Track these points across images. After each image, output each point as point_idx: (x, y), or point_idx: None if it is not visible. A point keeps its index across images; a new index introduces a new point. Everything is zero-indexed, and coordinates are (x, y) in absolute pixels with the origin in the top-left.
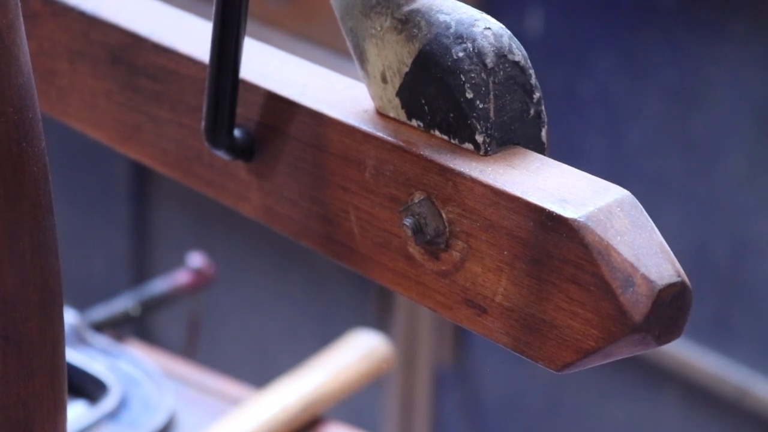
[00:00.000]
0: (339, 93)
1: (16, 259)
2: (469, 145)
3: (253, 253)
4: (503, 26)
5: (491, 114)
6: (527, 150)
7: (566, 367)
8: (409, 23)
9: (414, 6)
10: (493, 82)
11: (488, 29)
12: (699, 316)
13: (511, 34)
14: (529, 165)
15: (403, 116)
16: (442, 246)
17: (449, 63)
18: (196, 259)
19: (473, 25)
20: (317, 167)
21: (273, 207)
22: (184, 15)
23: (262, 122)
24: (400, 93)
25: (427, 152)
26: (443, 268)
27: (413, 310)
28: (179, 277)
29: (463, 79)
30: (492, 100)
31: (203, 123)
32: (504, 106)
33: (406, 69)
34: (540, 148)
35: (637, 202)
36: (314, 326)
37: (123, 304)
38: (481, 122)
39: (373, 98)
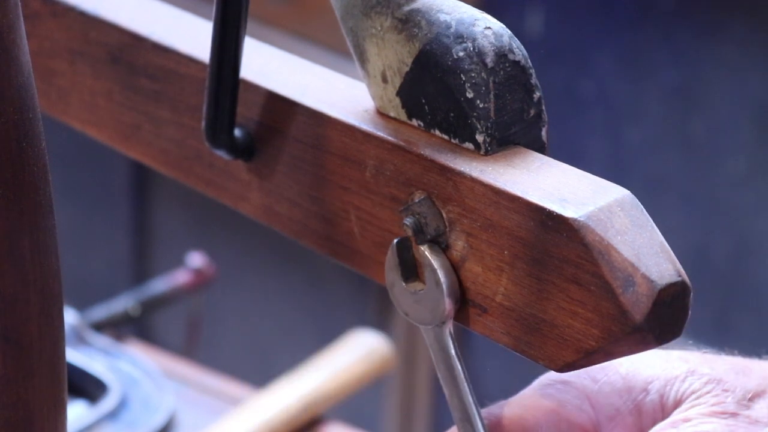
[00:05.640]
0: (339, 93)
1: (16, 259)
2: (469, 145)
3: (253, 253)
4: (503, 26)
5: (491, 113)
6: (527, 150)
7: (567, 367)
8: (409, 23)
9: (414, 5)
10: (494, 82)
11: (488, 29)
12: (699, 316)
13: (512, 34)
14: (529, 164)
15: (403, 116)
16: (443, 246)
17: (449, 62)
18: (196, 259)
19: (473, 25)
20: (317, 167)
21: (273, 207)
22: (184, 15)
23: (262, 122)
24: (401, 92)
25: (427, 152)
26: None
27: None
28: (179, 277)
29: (464, 78)
30: (492, 100)
31: (203, 123)
32: (504, 106)
33: (407, 68)
34: (540, 148)
35: (638, 201)
36: (314, 326)
37: (123, 304)
38: (482, 122)
39: (373, 98)
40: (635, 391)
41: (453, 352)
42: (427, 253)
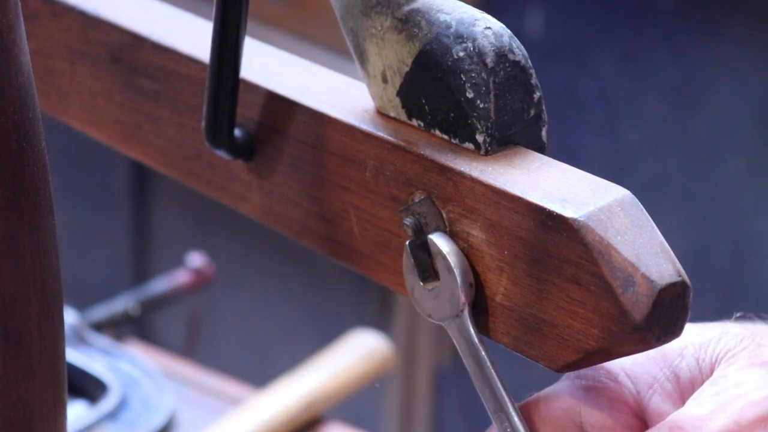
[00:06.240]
0: (339, 93)
1: (16, 259)
2: (469, 145)
3: (253, 253)
4: (503, 26)
5: (491, 113)
6: (527, 150)
7: (567, 367)
8: (409, 23)
9: (414, 5)
10: (494, 82)
11: (489, 29)
12: (699, 316)
13: (512, 34)
14: (529, 164)
15: (403, 116)
16: None
17: (450, 62)
18: (196, 259)
19: (474, 25)
20: (317, 167)
21: (273, 207)
22: (184, 15)
23: (262, 122)
24: (401, 92)
25: (427, 152)
26: None
27: (413, 310)
28: (179, 277)
29: (464, 78)
30: (492, 100)
31: (203, 122)
32: (504, 106)
33: (407, 68)
34: (540, 148)
35: (638, 201)
36: (314, 326)
37: (123, 304)
38: (482, 122)
39: (373, 98)
40: (670, 357)
41: (477, 340)
42: (435, 241)
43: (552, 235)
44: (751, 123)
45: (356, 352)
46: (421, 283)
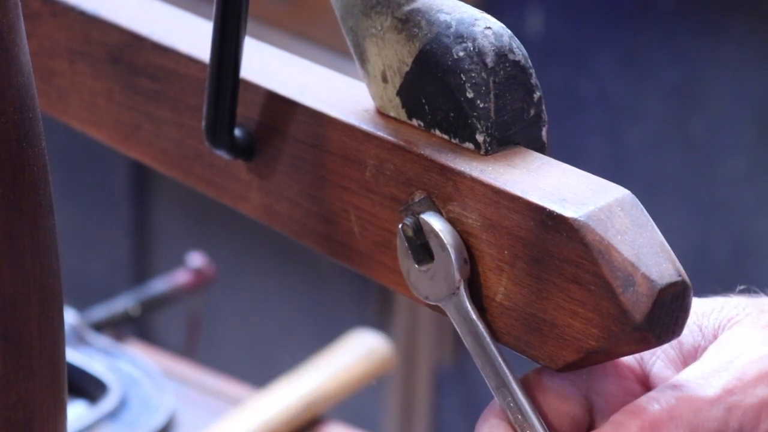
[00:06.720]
0: (339, 92)
1: (16, 259)
2: (469, 145)
3: (253, 253)
4: (503, 26)
5: (491, 113)
6: (527, 149)
7: (567, 367)
8: (409, 22)
9: (414, 5)
10: (494, 82)
11: (489, 28)
12: None
13: (512, 34)
14: (529, 164)
15: (403, 115)
16: None
17: (450, 62)
18: (196, 259)
19: (474, 25)
20: (317, 167)
21: (273, 206)
22: (184, 15)
23: (262, 122)
24: (401, 92)
25: (427, 151)
26: None
27: (413, 310)
28: (179, 277)
29: (464, 78)
30: (492, 100)
31: (203, 122)
32: (504, 106)
33: (407, 68)
34: (540, 148)
35: (638, 201)
36: (314, 326)
37: (123, 304)
38: (482, 122)
39: (373, 98)
40: None
41: (475, 316)
42: (428, 220)
43: (552, 235)
44: (751, 123)
45: (356, 352)
46: (416, 266)
